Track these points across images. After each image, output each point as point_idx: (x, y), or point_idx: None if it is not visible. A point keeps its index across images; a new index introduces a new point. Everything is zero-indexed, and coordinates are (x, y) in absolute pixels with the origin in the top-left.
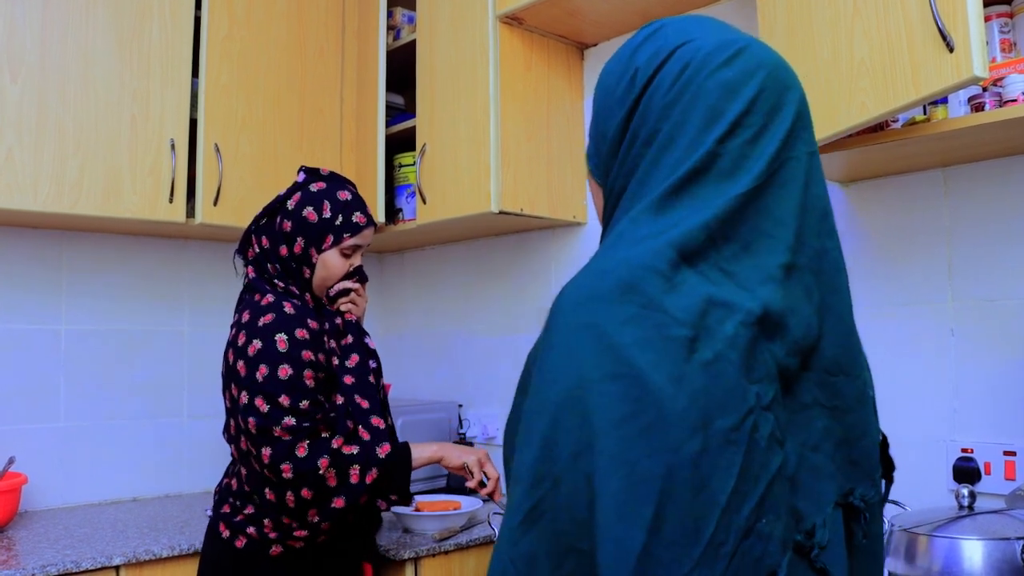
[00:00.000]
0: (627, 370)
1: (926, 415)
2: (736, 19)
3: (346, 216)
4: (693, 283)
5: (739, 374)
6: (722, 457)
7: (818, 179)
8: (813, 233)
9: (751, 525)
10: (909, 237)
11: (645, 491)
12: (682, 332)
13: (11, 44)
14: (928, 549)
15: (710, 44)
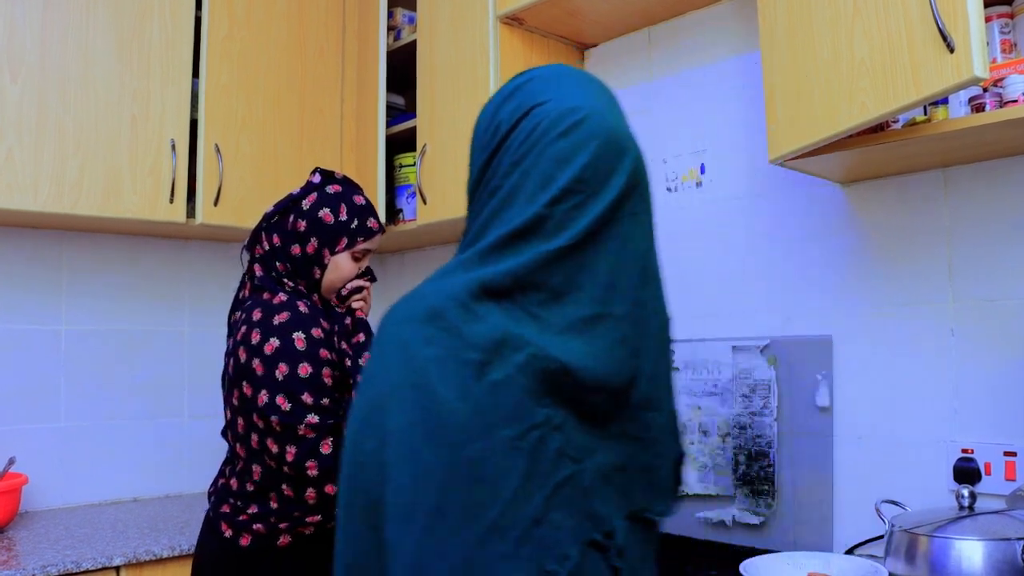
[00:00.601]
0: (422, 382)
1: (926, 415)
2: (736, 19)
3: (361, 220)
4: (494, 317)
5: (526, 396)
6: (506, 459)
7: (640, 237)
8: (631, 286)
9: (541, 516)
10: (909, 237)
11: (428, 482)
12: (474, 356)
13: (11, 44)
14: (928, 549)
15: (557, 110)
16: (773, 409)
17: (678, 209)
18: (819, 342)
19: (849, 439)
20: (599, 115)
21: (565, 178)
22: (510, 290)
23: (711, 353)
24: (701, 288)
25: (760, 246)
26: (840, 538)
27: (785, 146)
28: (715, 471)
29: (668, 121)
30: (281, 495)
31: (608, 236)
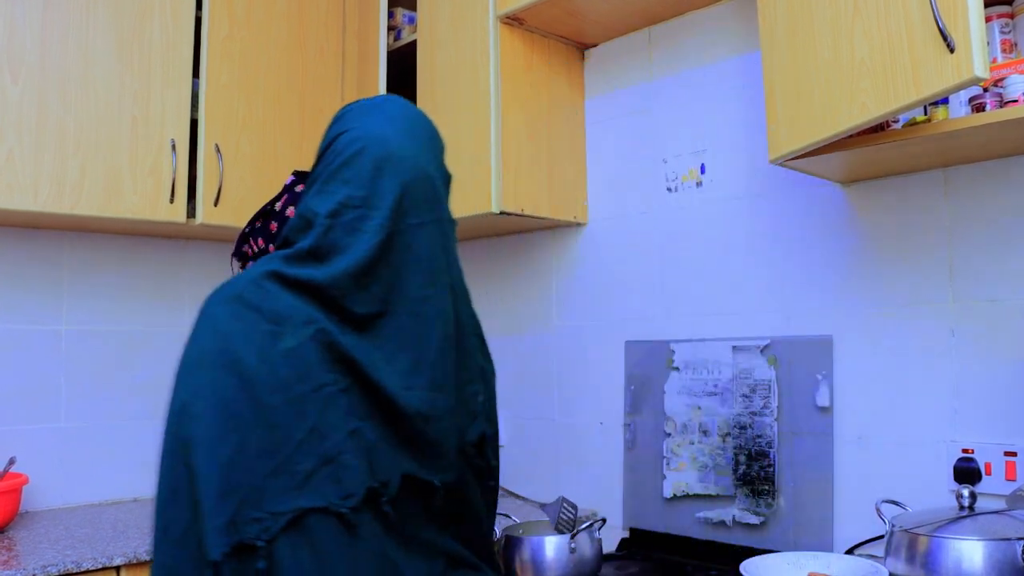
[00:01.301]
0: (228, 348)
1: (926, 415)
2: (736, 19)
3: None
4: (287, 296)
5: (316, 361)
6: (301, 409)
7: (424, 243)
8: (416, 286)
9: (334, 456)
10: (910, 237)
11: (233, 424)
12: (270, 327)
13: (11, 45)
14: (928, 549)
15: (348, 139)
16: (773, 409)
17: (678, 209)
18: (819, 342)
19: (849, 439)
20: (381, 143)
21: (343, 195)
22: (305, 286)
23: (711, 353)
24: (701, 288)
25: (760, 246)
26: (840, 538)
27: (785, 146)
28: (715, 471)
29: (668, 121)
30: None
31: (390, 244)
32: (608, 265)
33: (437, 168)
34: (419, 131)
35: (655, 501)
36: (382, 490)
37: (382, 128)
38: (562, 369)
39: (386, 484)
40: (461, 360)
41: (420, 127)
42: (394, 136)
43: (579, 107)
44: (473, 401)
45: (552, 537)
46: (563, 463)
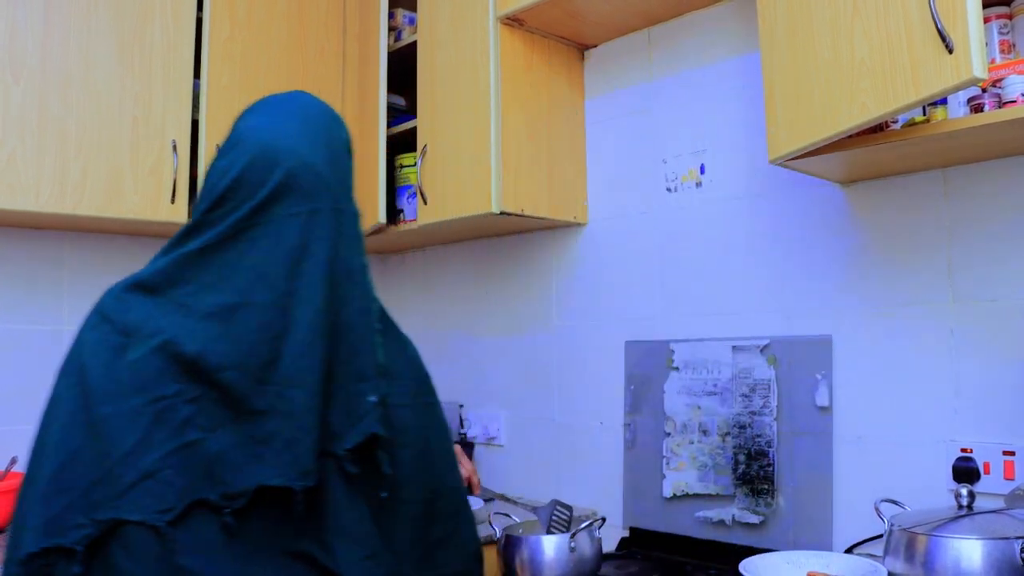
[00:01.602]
0: (79, 358)
1: (926, 415)
2: (736, 20)
3: None
4: (142, 307)
5: (157, 373)
6: (131, 421)
7: (294, 234)
8: (280, 277)
9: (154, 471)
10: (909, 237)
11: (71, 432)
12: (117, 339)
13: (13, 46)
14: (927, 549)
15: (230, 134)
16: (773, 408)
17: (678, 209)
18: (819, 342)
19: (849, 439)
20: (258, 135)
21: (219, 189)
22: (160, 285)
23: (711, 353)
24: (701, 288)
25: (760, 246)
26: (839, 537)
27: (785, 146)
28: (715, 470)
29: (668, 121)
30: None
31: (257, 235)
32: (608, 265)
33: (326, 158)
34: (306, 122)
35: (655, 500)
36: (223, 501)
37: (260, 122)
38: (562, 369)
39: (231, 495)
40: (345, 357)
41: (309, 118)
42: (271, 128)
43: (579, 107)
44: (358, 401)
45: (552, 536)
46: (563, 463)
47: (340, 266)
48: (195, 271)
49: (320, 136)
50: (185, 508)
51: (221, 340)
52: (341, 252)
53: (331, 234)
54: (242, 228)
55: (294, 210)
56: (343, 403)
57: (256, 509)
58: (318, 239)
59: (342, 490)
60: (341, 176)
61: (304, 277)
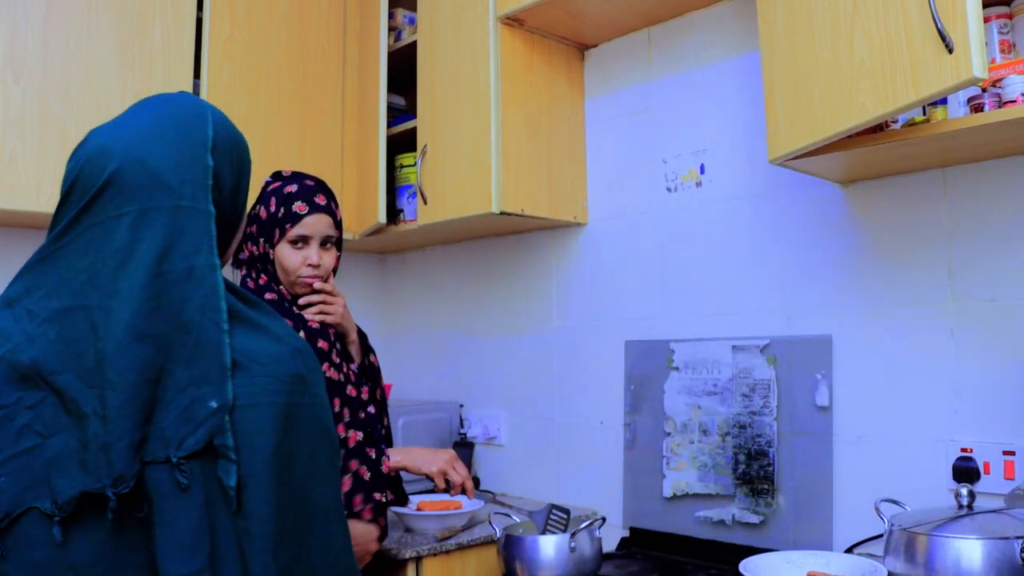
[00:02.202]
0: None
1: (926, 415)
2: (736, 20)
3: (287, 207)
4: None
5: (5, 381)
6: None
7: (121, 233)
8: (108, 278)
9: None
10: (909, 237)
11: None
12: None
13: (13, 46)
14: (927, 548)
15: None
16: (773, 408)
17: (678, 209)
18: (819, 342)
19: (849, 438)
20: (98, 135)
21: (62, 192)
22: (18, 295)
23: (711, 352)
24: (701, 288)
25: (760, 246)
26: (840, 537)
27: (785, 146)
28: (715, 470)
29: (668, 121)
30: None
31: (91, 236)
32: (608, 265)
33: (172, 156)
34: (157, 121)
35: (655, 500)
36: (54, 509)
37: (110, 123)
38: (562, 369)
39: (60, 502)
40: (183, 359)
41: (162, 117)
42: (112, 128)
43: (579, 107)
44: (197, 406)
45: (552, 536)
46: (563, 462)
47: (175, 265)
48: (41, 276)
49: (169, 134)
50: (17, 515)
51: (56, 343)
52: (178, 251)
53: (164, 232)
54: (77, 230)
55: (124, 209)
56: (180, 408)
57: (92, 519)
58: (146, 238)
59: (174, 501)
60: (193, 175)
61: (128, 278)
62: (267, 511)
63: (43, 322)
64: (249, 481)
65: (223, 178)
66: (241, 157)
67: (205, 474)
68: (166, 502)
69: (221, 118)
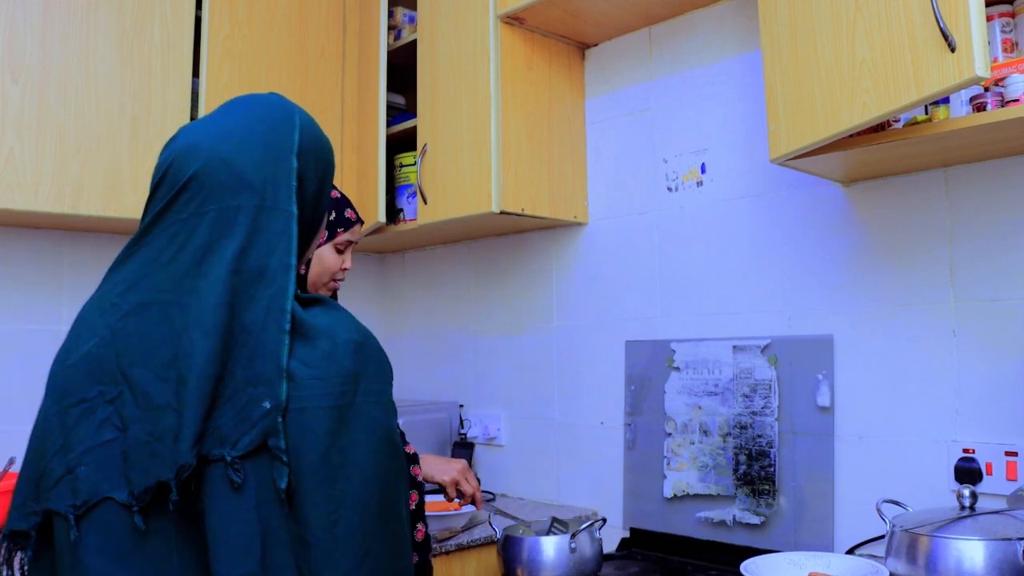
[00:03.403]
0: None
1: (927, 415)
2: (737, 19)
3: (339, 212)
4: (90, 311)
5: (83, 374)
6: (62, 420)
7: (201, 232)
8: (187, 274)
9: (72, 468)
10: (910, 237)
11: (33, 431)
12: (71, 342)
13: (12, 45)
14: (929, 549)
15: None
16: (774, 409)
17: (679, 209)
18: (820, 342)
19: (850, 439)
20: (187, 133)
21: (150, 188)
22: (108, 291)
23: (712, 353)
24: (701, 288)
25: (761, 246)
26: (841, 538)
27: (786, 146)
28: (716, 471)
29: (669, 120)
30: None
31: (169, 233)
32: (608, 265)
33: (256, 156)
34: (244, 121)
35: (655, 501)
36: (131, 500)
37: (199, 121)
38: (562, 369)
39: (136, 492)
40: (244, 359)
41: (250, 117)
42: (200, 126)
43: (579, 107)
44: (252, 407)
45: (552, 537)
46: (563, 463)
47: (250, 264)
48: (126, 271)
49: (256, 135)
50: (95, 504)
51: (134, 337)
52: (254, 250)
53: (244, 232)
54: (161, 226)
55: (206, 207)
56: (238, 408)
57: (166, 511)
58: (226, 236)
59: (227, 501)
60: (276, 175)
61: (205, 276)
62: (318, 518)
63: (123, 316)
64: (298, 486)
65: (307, 180)
66: (326, 160)
67: (259, 475)
68: (219, 501)
69: (308, 121)
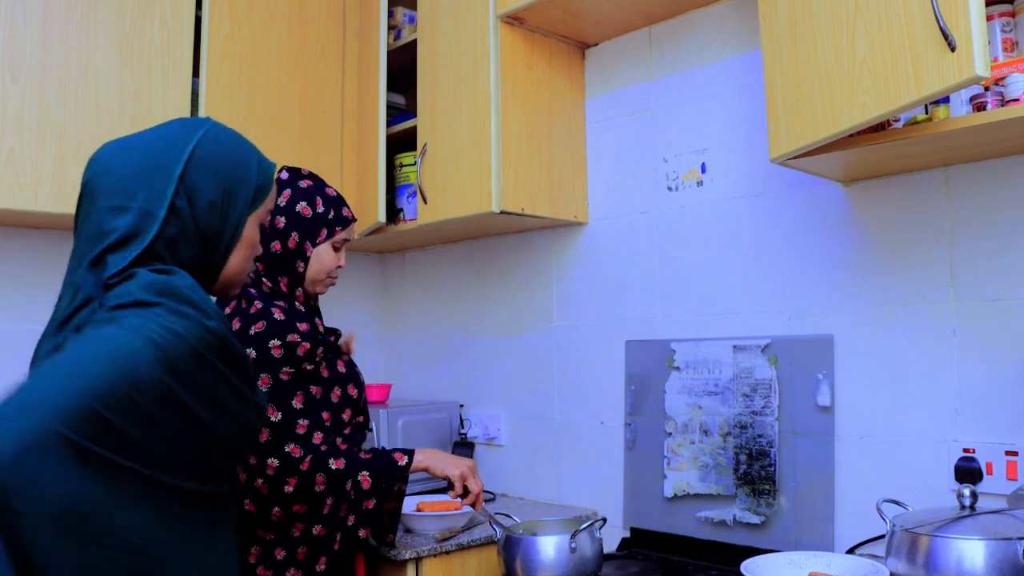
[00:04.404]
0: None
1: (928, 415)
2: (737, 18)
3: (337, 210)
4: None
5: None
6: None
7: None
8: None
9: None
10: (911, 237)
11: None
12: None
13: (12, 45)
14: (930, 549)
15: None
16: (774, 408)
17: (679, 208)
18: (820, 341)
19: (850, 439)
20: (98, 150)
21: None
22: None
23: (712, 352)
24: (702, 287)
25: (761, 245)
26: (841, 538)
27: (786, 145)
28: (716, 471)
29: (669, 120)
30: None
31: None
32: (609, 264)
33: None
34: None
35: (656, 501)
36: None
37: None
38: (562, 369)
39: None
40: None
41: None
42: (107, 144)
43: (579, 106)
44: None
45: (552, 536)
46: (563, 463)
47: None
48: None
49: (148, 146)
50: None
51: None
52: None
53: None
54: (76, 234)
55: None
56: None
57: None
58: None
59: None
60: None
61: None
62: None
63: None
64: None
65: (200, 191)
66: (232, 176)
67: None
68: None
69: (217, 139)
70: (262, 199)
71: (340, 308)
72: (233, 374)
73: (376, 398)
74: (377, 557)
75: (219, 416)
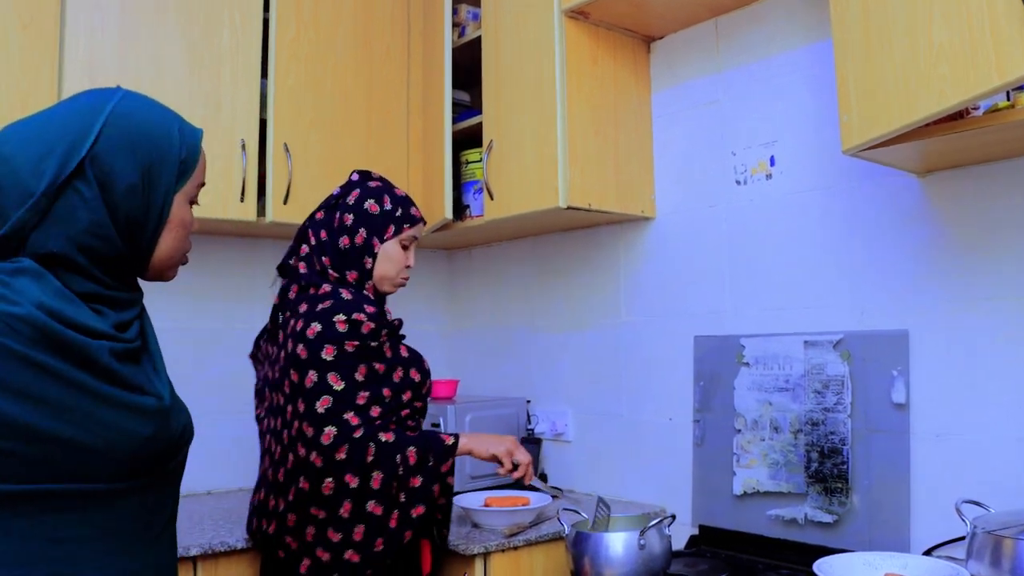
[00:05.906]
0: None
1: (1008, 413)
2: (806, 7)
3: (405, 209)
4: None
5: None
6: None
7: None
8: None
9: None
10: (990, 229)
11: None
12: None
13: (92, 55)
14: (1015, 553)
15: None
16: (847, 405)
17: (748, 202)
18: (895, 337)
19: (927, 437)
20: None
21: None
22: None
23: (782, 348)
24: (771, 282)
25: (833, 239)
26: (917, 539)
27: (859, 136)
28: (787, 468)
29: (737, 113)
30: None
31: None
32: (676, 259)
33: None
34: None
35: (725, 498)
36: None
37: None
38: (629, 364)
39: None
40: None
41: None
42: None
43: (645, 100)
44: None
45: (621, 533)
46: (631, 459)
47: None
48: None
49: (43, 129)
50: None
51: None
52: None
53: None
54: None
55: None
56: None
57: None
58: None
59: None
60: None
61: None
62: None
63: None
64: None
65: (116, 173)
66: (149, 152)
67: None
68: None
69: (130, 109)
70: (189, 173)
71: (408, 304)
72: (73, 366)
73: (443, 394)
74: (445, 551)
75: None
